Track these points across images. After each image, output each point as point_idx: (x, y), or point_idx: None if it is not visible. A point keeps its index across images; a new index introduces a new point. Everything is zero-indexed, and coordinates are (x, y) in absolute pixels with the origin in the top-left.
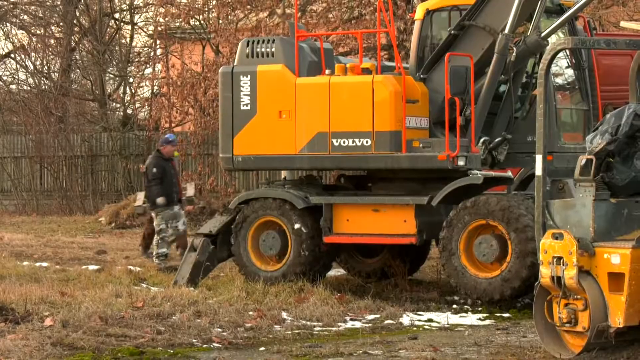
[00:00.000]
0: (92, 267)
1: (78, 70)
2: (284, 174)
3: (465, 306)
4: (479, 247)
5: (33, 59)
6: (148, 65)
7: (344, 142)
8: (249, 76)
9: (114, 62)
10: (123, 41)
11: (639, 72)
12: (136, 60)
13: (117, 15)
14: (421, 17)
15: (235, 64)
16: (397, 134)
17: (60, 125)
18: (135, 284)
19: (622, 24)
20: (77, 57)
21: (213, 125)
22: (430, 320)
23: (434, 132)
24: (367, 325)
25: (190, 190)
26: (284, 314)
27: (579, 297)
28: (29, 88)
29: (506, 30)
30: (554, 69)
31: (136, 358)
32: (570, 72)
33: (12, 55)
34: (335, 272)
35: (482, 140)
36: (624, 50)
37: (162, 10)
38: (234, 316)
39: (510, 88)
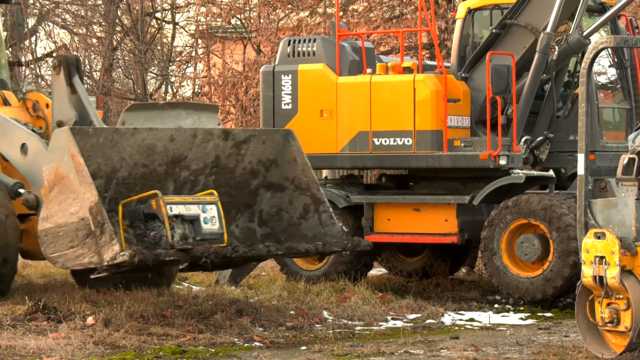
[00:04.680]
0: None
1: (120, 69)
2: (324, 173)
3: (507, 306)
4: (521, 246)
5: None
6: (189, 65)
7: (385, 141)
8: (290, 75)
9: (156, 62)
10: (164, 40)
11: None
12: (177, 59)
13: (158, 15)
14: (462, 16)
15: (276, 63)
16: (439, 133)
17: None
18: (177, 283)
19: None
20: (119, 56)
21: (254, 125)
22: (471, 319)
23: (475, 131)
24: (408, 324)
25: None
26: (325, 313)
27: (621, 296)
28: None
29: (548, 29)
30: (596, 67)
31: (178, 357)
32: (612, 70)
33: (54, 55)
34: (377, 271)
35: (523, 139)
36: None
37: (203, 9)
38: (275, 315)
39: (552, 87)
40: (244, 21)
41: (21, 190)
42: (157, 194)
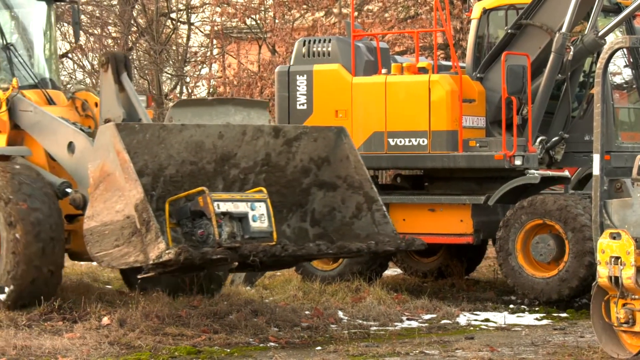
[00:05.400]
0: None
1: (135, 69)
2: None
3: (522, 306)
4: (536, 246)
5: (90, 58)
6: (204, 65)
7: (400, 142)
8: (305, 76)
9: (171, 62)
10: (180, 41)
11: None
12: (193, 59)
13: (173, 15)
14: (478, 16)
15: (291, 63)
16: (454, 134)
17: None
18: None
19: None
20: (134, 56)
21: None
22: (487, 320)
23: (490, 131)
24: (423, 324)
25: None
26: (341, 314)
27: (636, 297)
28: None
29: (563, 29)
30: (611, 67)
31: (193, 357)
32: (627, 71)
33: (70, 55)
34: (392, 271)
35: (539, 139)
36: None
37: (218, 9)
38: (290, 315)
39: (568, 87)
40: (259, 21)
41: (68, 190)
42: (204, 190)
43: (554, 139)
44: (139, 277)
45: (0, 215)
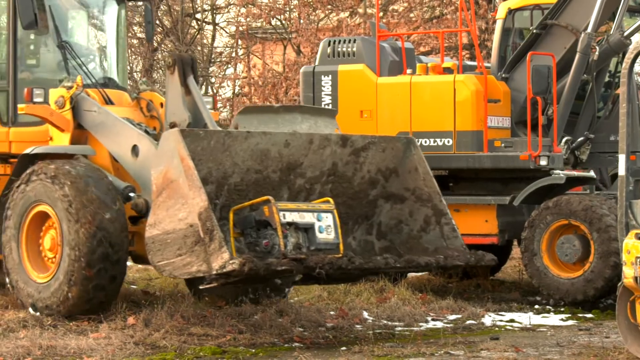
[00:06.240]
0: None
1: (160, 70)
2: None
3: (548, 307)
4: (561, 247)
5: None
6: (230, 65)
7: (425, 142)
8: (330, 76)
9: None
10: (205, 41)
11: None
12: (218, 60)
13: (199, 16)
14: (503, 16)
15: (316, 63)
16: (479, 134)
17: None
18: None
19: None
20: (159, 57)
21: None
22: (512, 320)
23: (515, 131)
24: (448, 325)
25: None
26: (365, 314)
27: None
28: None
29: (589, 29)
30: (637, 68)
31: (218, 357)
32: None
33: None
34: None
35: (564, 139)
36: None
37: (243, 10)
38: (315, 316)
39: (593, 87)
40: (284, 22)
41: (131, 194)
42: (270, 200)
43: (579, 139)
44: (200, 287)
45: (65, 262)
